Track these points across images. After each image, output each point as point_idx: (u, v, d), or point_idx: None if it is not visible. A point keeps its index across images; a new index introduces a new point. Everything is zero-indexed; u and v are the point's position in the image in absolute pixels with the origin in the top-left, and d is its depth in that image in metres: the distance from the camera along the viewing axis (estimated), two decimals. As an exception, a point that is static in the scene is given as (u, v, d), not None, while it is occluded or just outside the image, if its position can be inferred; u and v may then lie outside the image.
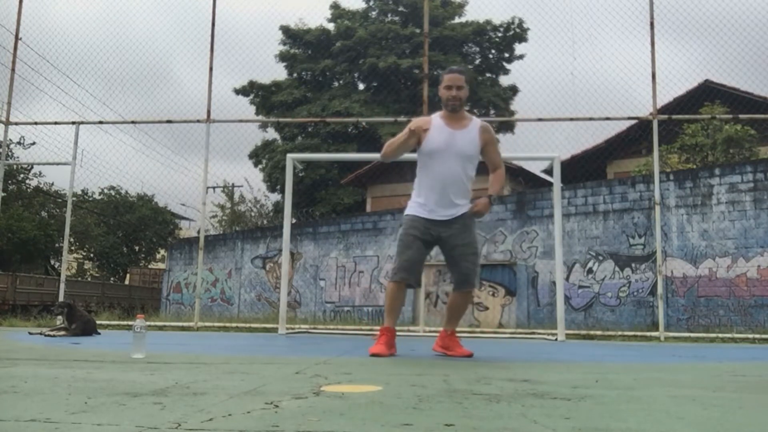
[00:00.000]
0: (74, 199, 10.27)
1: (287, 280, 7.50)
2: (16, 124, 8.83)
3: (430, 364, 3.14)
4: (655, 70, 7.47)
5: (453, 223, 3.63)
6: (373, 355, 3.55)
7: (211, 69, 8.36)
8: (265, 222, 21.27)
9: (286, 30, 22.84)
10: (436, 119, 3.71)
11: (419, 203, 3.70)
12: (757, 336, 7.27)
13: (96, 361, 3.03)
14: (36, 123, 8.91)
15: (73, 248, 25.00)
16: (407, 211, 3.76)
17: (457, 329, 3.85)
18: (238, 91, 22.27)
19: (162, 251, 26.64)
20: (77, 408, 1.57)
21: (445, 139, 3.62)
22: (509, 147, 22.55)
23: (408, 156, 3.90)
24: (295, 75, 23.01)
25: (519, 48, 22.99)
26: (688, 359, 4.07)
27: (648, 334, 7.45)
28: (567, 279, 10.68)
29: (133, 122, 9.22)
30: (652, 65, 7.48)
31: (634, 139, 13.75)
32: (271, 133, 22.73)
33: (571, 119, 7.73)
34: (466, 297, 3.75)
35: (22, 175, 23.15)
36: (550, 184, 11.45)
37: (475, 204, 3.64)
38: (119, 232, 26.86)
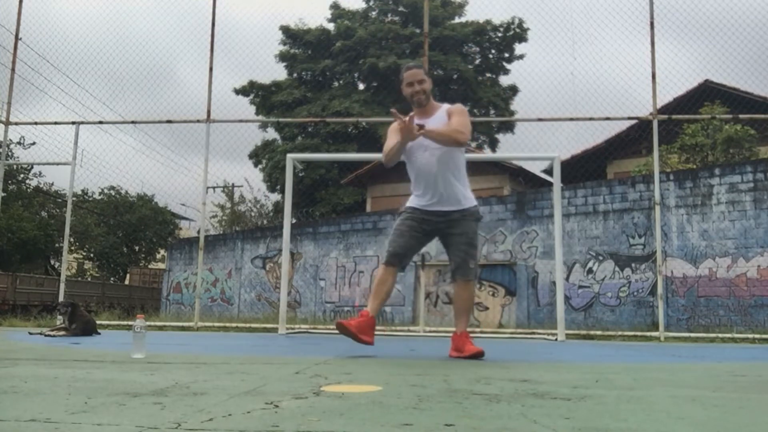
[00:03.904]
0: (74, 199, 10.27)
1: (287, 280, 7.50)
2: (16, 124, 8.83)
3: (430, 364, 3.14)
4: (655, 70, 7.47)
5: (451, 215, 3.64)
6: (339, 324, 3.55)
7: (211, 69, 8.36)
8: (265, 222, 21.28)
9: (286, 30, 22.84)
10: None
11: (417, 196, 3.74)
12: (757, 336, 7.27)
13: (96, 361, 3.03)
14: (36, 123, 8.91)
15: (73, 248, 24.99)
16: (407, 204, 3.80)
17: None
18: (238, 91, 22.29)
19: (162, 251, 26.63)
20: (77, 408, 1.57)
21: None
22: (509, 147, 22.55)
23: None
24: (295, 75, 23.01)
25: (519, 48, 23.02)
26: (688, 359, 4.06)
27: (648, 334, 7.45)
28: (567, 279, 10.68)
29: (133, 122, 9.22)
30: (652, 65, 7.48)
31: (634, 139, 13.76)
32: (271, 133, 22.76)
33: (571, 119, 7.73)
34: (463, 289, 3.65)
35: (22, 175, 23.15)
36: (550, 184, 11.45)
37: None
38: (119, 232, 26.84)
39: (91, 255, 27.17)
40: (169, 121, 8.53)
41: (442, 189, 3.63)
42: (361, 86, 22.71)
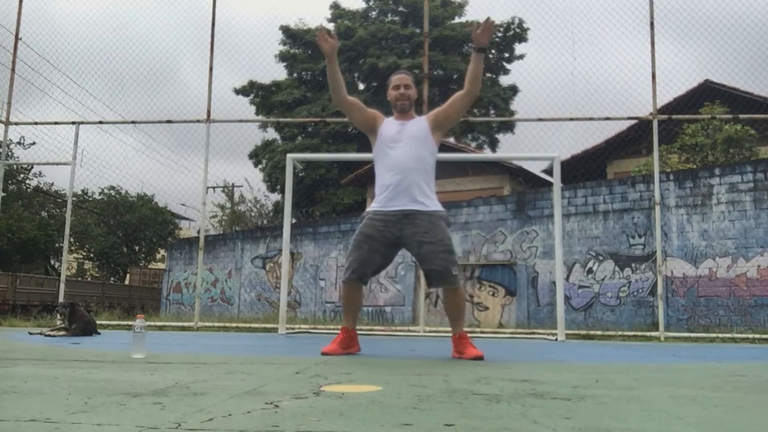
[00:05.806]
0: (74, 199, 10.27)
1: (287, 280, 7.50)
2: (16, 124, 8.83)
3: (430, 364, 3.14)
4: (655, 70, 7.47)
5: (417, 218, 3.49)
6: (324, 354, 3.52)
7: (211, 69, 8.36)
8: (265, 222, 21.27)
9: (286, 30, 22.86)
10: (388, 118, 3.83)
11: (379, 196, 3.62)
12: (757, 336, 7.27)
13: (96, 361, 3.03)
14: (36, 123, 8.91)
15: (73, 248, 24.98)
16: (367, 210, 3.70)
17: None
18: (238, 91, 22.30)
19: (162, 251, 26.62)
20: (77, 408, 1.57)
21: (396, 128, 3.69)
22: (509, 147, 22.57)
23: None
24: (295, 75, 23.02)
25: (519, 48, 23.03)
26: (688, 359, 4.06)
27: (648, 334, 7.45)
28: (567, 279, 10.68)
29: (133, 122, 9.22)
30: (652, 65, 7.48)
31: (634, 139, 13.76)
32: (271, 133, 22.77)
33: (571, 119, 7.73)
34: (451, 295, 3.58)
35: (22, 175, 23.14)
36: (550, 184, 11.45)
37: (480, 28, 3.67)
38: (119, 232, 26.84)
39: (91, 255, 27.17)
40: (169, 121, 8.53)
41: (407, 186, 3.52)
42: (361, 86, 22.70)
